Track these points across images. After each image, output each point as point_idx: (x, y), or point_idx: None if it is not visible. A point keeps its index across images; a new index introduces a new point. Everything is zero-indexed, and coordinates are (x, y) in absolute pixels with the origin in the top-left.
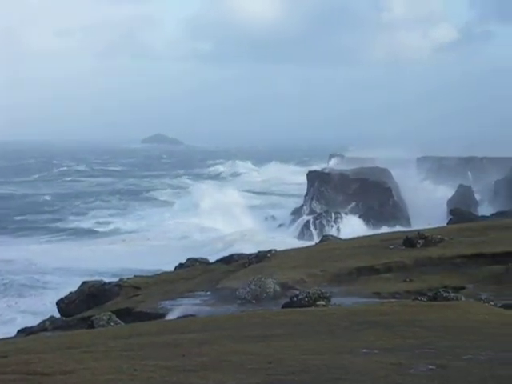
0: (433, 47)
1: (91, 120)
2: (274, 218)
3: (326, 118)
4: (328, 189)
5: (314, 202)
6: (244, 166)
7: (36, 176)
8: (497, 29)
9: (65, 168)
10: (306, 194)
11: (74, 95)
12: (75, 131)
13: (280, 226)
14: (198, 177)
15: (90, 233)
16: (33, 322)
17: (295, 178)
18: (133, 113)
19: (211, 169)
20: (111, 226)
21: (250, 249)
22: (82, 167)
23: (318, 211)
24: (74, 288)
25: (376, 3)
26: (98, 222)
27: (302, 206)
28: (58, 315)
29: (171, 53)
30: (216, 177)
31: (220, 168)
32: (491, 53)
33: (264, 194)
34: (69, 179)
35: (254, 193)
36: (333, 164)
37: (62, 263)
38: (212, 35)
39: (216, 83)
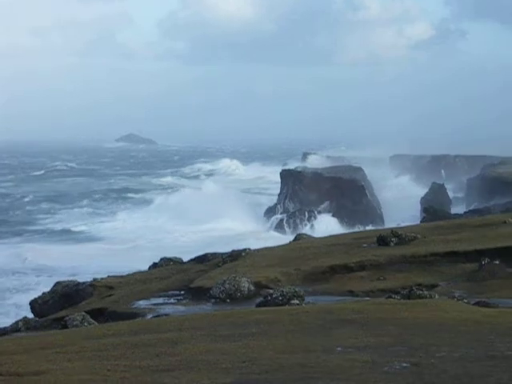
0: (409, 45)
1: (64, 119)
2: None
3: (303, 118)
4: (301, 187)
5: (287, 200)
6: (230, 165)
7: (12, 176)
8: (472, 26)
9: (43, 169)
10: (280, 193)
11: (48, 94)
12: (49, 130)
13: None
14: (184, 176)
15: (69, 233)
16: (9, 322)
17: (274, 177)
18: (106, 112)
19: (196, 166)
20: (89, 227)
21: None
22: (61, 167)
23: (292, 210)
24: (49, 288)
25: (352, 2)
26: (77, 223)
27: (276, 204)
28: (31, 316)
29: (147, 52)
30: (202, 176)
31: (207, 166)
32: (467, 50)
33: (250, 192)
34: (48, 179)
35: (244, 191)
36: (306, 162)
37: (39, 263)
38: (188, 34)
39: (191, 83)
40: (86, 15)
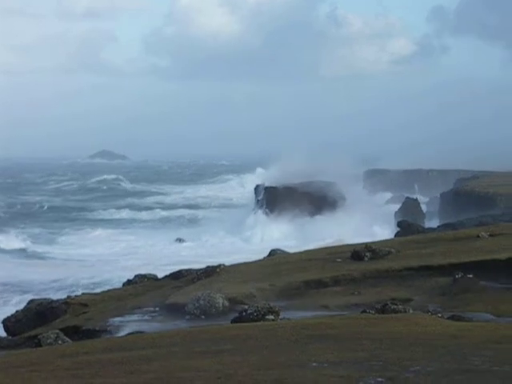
0: (391, 60)
1: (33, 137)
2: None
3: (283, 131)
4: (275, 203)
5: None
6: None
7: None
8: (453, 41)
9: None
10: (253, 208)
11: (23, 112)
12: (20, 148)
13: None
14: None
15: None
16: None
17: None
18: (78, 129)
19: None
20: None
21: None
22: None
23: None
24: (19, 306)
25: (335, 19)
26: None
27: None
28: (4, 334)
29: (125, 69)
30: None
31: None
32: (448, 65)
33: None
34: (25, 196)
35: None
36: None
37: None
38: (170, 51)
39: (167, 98)
40: (72, 32)
